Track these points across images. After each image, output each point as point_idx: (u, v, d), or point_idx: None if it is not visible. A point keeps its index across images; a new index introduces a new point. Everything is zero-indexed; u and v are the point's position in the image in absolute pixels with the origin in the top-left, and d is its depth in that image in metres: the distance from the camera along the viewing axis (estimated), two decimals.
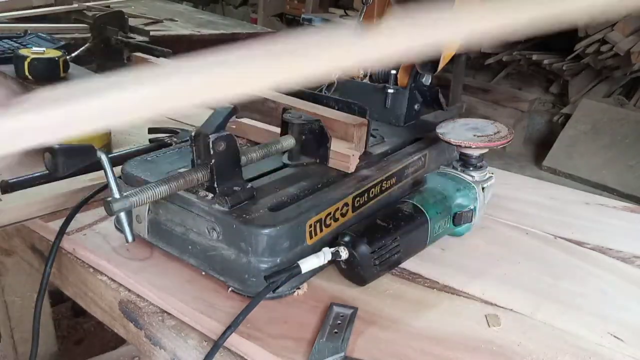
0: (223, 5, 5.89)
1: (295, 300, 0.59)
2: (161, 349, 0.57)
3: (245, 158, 0.64)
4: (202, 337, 0.55)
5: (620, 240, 0.75)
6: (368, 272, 0.60)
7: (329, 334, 0.53)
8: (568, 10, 0.33)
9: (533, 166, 3.55)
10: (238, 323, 0.52)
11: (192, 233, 0.62)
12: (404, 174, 0.76)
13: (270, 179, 0.67)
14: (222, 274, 0.60)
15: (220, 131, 0.59)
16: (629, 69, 3.42)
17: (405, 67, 0.88)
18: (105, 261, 0.64)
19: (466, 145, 0.70)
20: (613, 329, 0.57)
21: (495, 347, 0.54)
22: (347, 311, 0.57)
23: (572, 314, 0.59)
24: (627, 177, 3.12)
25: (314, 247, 0.61)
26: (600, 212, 0.84)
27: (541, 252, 0.71)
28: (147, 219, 0.66)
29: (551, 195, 0.89)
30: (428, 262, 0.67)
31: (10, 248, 0.82)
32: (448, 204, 0.69)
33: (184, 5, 3.28)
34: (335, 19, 3.22)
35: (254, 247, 0.57)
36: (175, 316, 0.58)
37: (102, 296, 0.64)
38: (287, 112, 0.72)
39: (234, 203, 0.59)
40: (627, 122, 3.33)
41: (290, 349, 0.52)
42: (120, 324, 0.62)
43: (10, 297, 0.99)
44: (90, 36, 1.48)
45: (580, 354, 0.53)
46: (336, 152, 0.70)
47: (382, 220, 0.63)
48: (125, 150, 0.84)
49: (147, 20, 1.99)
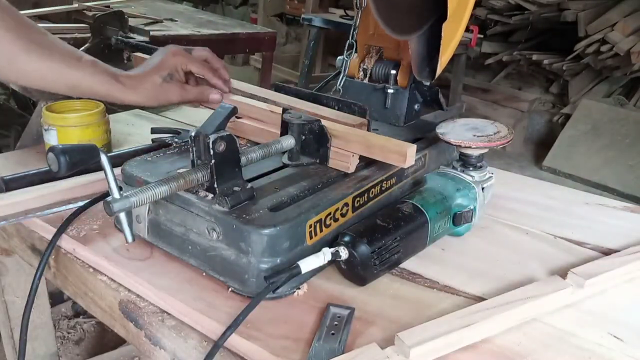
0: (223, 5, 5.89)
1: (295, 300, 0.59)
2: (161, 349, 0.57)
3: (245, 158, 0.64)
4: (202, 337, 0.55)
5: (620, 240, 0.75)
6: (368, 272, 0.60)
7: (326, 335, 0.53)
8: None
9: (533, 166, 3.55)
10: (238, 323, 0.52)
11: (192, 233, 0.62)
12: (404, 174, 0.76)
13: (270, 179, 0.67)
14: (222, 274, 0.60)
15: (220, 131, 0.59)
16: (629, 69, 3.42)
17: (405, 68, 0.88)
18: (105, 261, 0.64)
19: (466, 145, 0.70)
20: (613, 329, 0.57)
21: (495, 347, 0.54)
22: (344, 312, 0.56)
23: (572, 313, 0.59)
24: (627, 177, 3.12)
25: (314, 248, 0.61)
26: (600, 212, 0.84)
27: (541, 252, 0.71)
28: (147, 219, 0.66)
29: (551, 195, 0.89)
30: (428, 262, 0.67)
31: (10, 248, 0.82)
32: (448, 204, 0.69)
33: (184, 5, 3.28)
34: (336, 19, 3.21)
35: (254, 247, 0.57)
36: (175, 316, 0.58)
37: (102, 296, 0.64)
38: (287, 112, 0.72)
39: (234, 203, 0.59)
40: (627, 122, 3.33)
41: (290, 349, 0.52)
42: (120, 324, 0.62)
43: (10, 297, 0.99)
44: (90, 36, 1.48)
45: (580, 354, 0.53)
46: (336, 152, 0.70)
47: (382, 220, 0.63)
48: (125, 150, 0.84)
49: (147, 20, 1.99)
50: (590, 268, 0.63)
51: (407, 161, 0.65)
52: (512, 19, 3.76)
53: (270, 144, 0.68)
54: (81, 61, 0.76)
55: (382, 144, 0.67)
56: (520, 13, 3.72)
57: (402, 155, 0.65)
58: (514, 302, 0.56)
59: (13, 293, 0.99)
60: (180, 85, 0.82)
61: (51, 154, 0.51)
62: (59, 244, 0.69)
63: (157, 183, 0.56)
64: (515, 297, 0.57)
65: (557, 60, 3.72)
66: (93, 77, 0.76)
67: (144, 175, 0.66)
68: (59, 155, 0.51)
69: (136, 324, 0.59)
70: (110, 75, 0.77)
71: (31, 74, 0.73)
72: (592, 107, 3.50)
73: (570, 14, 3.48)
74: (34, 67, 0.72)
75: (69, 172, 0.52)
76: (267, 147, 0.67)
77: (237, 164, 0.61)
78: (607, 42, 3.35)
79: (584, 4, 3.49)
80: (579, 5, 3.49)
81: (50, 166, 0.52)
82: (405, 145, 0.66)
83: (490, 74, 4.32)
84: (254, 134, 0.80)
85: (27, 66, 0.72)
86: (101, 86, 0.76)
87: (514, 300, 0.57)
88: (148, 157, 0.72)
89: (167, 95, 0.80)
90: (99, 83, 0.76)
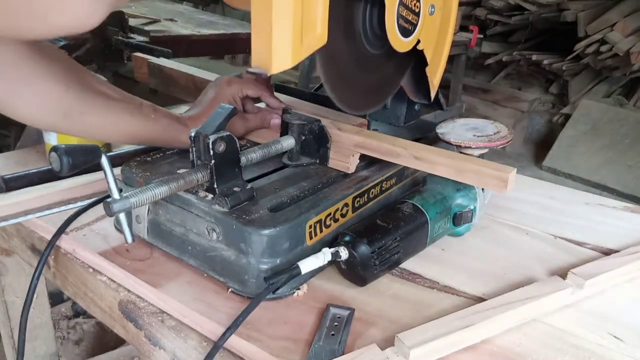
0: (223, 5, 5.88)
1: (295, 301, 0.59)
2: (161, 349, 0.57)
3: (245, 158, 0.64)
4: (201, 338, 0.55)
5: (620, 240, 0.75)
6: (368, 272, 0.60)
7: (326, 336, 0.53)
8: None
9: (533, 166, 3.55)
10: (238, 324, 0.52)
11: (191, 234, 0.62)
12: (404, 174, 0.76)
13: (270, 179, 0.67)
14: (222, 275, 0.60)
15: (220, 132, 0.59)
16: (628, 69, 3.42)
17: None
18: (105, 261, 0.64)
19: (466, 145, 0.70)
20: (613, 329, 0.57)
21: (495, 347, 0.54)
22: (344, 312, 0.56)
23: (572, 314, 0.59)
24: (627, 177, 3.12)
25: (313, 248, 0.61)
26: (600, 212, 0.84)
27: (541, 252, 0.71)
28: (147, 220, 0.66)
29: (551, 195, 0.89)
30: (428, 262, 0.67)
31: (10, 248, 0.82)
32: (448, 204, 0.69)
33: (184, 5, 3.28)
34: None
35: (253, 248, 0.57)
36: (175, 317, 0.58)
37: (102, 296, 0.64)
38: (287, 112, 0.72)
39: (234, 204, 0.59)
40: (627, 122, 3.33)
41: (290, 350, 0.52)
42: (120, 324, 0.62)
43: (10, 297, 0.99)
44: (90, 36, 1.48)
45: (580, 354, 0.53)
46: (336, 152, 0.70)
47: (382, 221, 0.63)
48: (125, 150, 0.84)
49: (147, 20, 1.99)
50: (590, 268, 0.63)
51: (508, 187, 0.58)
52: (512, 19, 3.77)
53: (270, 144, 0.68)
54: (142, 108, 0.71)
55: (477, 169, 0.60)
56: (520, 13, 3.72)
57: (502, 181, 0.59)
58: (513, 303, 0.56)
59: (13, 293, 0.99)
60: (242, 116, 0.78)
61: (54, 153, 0.51)
62: (59, 244, 0.69)
63: (156, 183, 0.56)
64: (515, 298, 0.57)
65: (557, 61, 3.72)
66: (156, 123, 0.71)
67: (143, 176, 0.66)
68: (62, 156, 0.51)
69: (136, 324, 0.59)
70: (173, 119, 0.73)
71: (89, 127, 0.67)
72: (592, 107, 3.50)
73: (570, 14, 3.48)
74: (91, 121, 0.67)
75: (71, 172, 0.52)
76: (267, 148, 0.67)
77: (237, 165, 0.61)
78: (607, 42, 3.35)
79: (583, 4, 3.49)
80: (579, 6, 3.49)
81: (53, 166, 0.52)
82: (506, 169, 0.59)
83: (490, 74, 4.32)
84: (254, 134, 0.80)
85: (84, 120, 0.66)
86: (166, 133, 0.72)
87: (514, 301, 0.57)
88: (148, 157, 0.72)
89: (231, 129, 0.71)
90: (162, 129, 0.72)
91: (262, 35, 0.46)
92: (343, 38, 0.60)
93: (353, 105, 0.68)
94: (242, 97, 0.80)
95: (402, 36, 0.64)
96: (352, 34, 0.62)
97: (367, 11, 0.62)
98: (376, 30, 0.63)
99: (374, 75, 0.68)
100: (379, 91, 0.72)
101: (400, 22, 0.62)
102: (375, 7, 0.61)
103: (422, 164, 0.65)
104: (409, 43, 0.66)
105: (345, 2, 0.59)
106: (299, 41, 0.48)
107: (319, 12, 0.50)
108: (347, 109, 0.67)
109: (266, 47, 0.46)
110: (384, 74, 0.70)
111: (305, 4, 0.48)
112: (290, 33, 0.47)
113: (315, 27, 0.50)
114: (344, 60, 0.62)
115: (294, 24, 0.47)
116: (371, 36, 0.63)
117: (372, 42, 0.64)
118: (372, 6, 0.61)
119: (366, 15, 0.62)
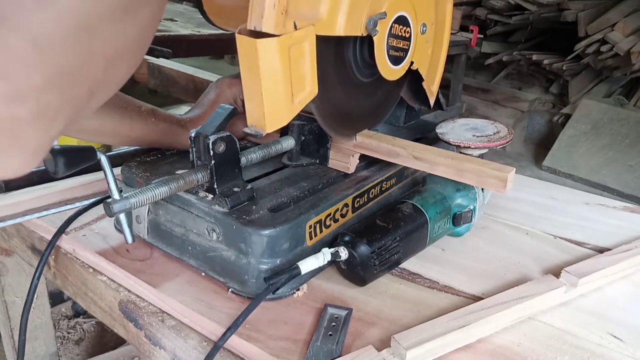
0: None
1: (295, 301, 0.59)
2: (161, 349, 0.57)
3: (245, 159, 0.64)
4: (201, 338, 0.55)
5: (620, 240, 0.75)
6: (368, 272, 0.60)
7: (324, 336, 0.53)
8: None
9: (533, 166, 3.55)
10: (238, 325, 0.52)
11: (192, 234, 0.62)
12: (403, 174, 0.76)
13: (270, 179, 0.67)
14: (222, 275, 0.60)
15: (220, 132, 0.59)
16: (628, 69, 3.42)
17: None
18: (105, 261, 0.64)
19: (466, 145, 0.70)
20: (612, 328, 0.57)
21: (494, 346, 0.54)
22: (342, 312, 0.56)
23: (572, 313, 0.59)
24: (627, 177, 3.13)
25: (313, 248, 0.61)
26: (600, 212, 0.84)
27: (541, 252, 0.71)
28: (147, 220, 0.66)
29: (551, 195, 0.89)
30: (428, 262, 0.67)
31: (10, 248, 0.82)
32: (448, 204, 0.69)
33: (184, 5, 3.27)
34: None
35: (253, 248, 0.57)
36: (175, 317, 0.58)
37: (102, 296, 0.64)
38: None
39: (234, 204, 0.59)
40: (627, 122, 3.34)
41: (290, 350, 0.52)
42: (120, 324, 0.62)
43: (10, 297, 0.99)
44: None
45: (580, 354, 0.53)
46: (336, 152, 0.70)
47: (382, 221, 0.63)
48: (124, 150, 0.84)
49: None
50: (584, 266, 0.63)
51: (507, 187, 0.59)
52: (512, 19, 3.77)
53: (270, 144, 0.68)
54: (141, 113, 0.71)
55: (477, 169, 0.61)
56: (520, 13, 3.72)
57: (502, 180, 0.59)
58: (507, 302, 0.56)
59: (13, 293, 0.99)
60: (242, 117, 0.78)
61: (48, 154, 0.51)
62: (59, 244, 0.69)
63: (157, 184, 0.56)
64: (508, 297, 0.57)
65: (557, 60, 3.72)
66: (157, 126, 0.71)
67: (143, 176, 0.66)
68: (56, 156, 0.51)
69: (136, 324, 0.59)
70: (173, 122, 0.73)
71: (88, 131, 0.68)
72: (592, 107, 3.50)
73: (570, 14, 3.48)
74: (91, 126, 0.67)
75: (66, 173, 0.52)
76: (267, 148, 0.68)
77: (237, 165, 0.61)
78: (607, 42, 3.35)
79: (584, 4, 3.49)
80: (579, 5, 3.49)
81: (48, 167, 0.52)
82: (506, 169, 0.60)
83: (490, 74, 4.32)
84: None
85: (84, 123, 0.66)
86: (166, 136, 0.73)
87: (508, 300, 0.57)
88: (148, 157, 0.72)
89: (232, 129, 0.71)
90: (162, 133, 0.72)
91: (254, 101, 0.48)
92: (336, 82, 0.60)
93: (353, 133, 0.69)
94: (242, 99, 0.80)
95: (394, 65, 0.63)
96: (344, 74, 0.61)
97: (357, 48, 0.61)
98: (367, 61, 0.62)
99: (370, 100, 0.68)
100: (377, 113, 0.72)
101: (391, 53, 0.61)
102: (365, 44, 0.60)
103: (421, 164, 0.65)
104: (401, 69, 0.65)
105: (334, 46, 0.58)
106: (290, 100, 0.50)
107: (307, 71, 0.51)
108: (347, 140, 0.69)
109: (259, 110, 0.48)
110: (379, 97, 0.69)
111: (293, 67, 0.49)
112: (282, 97, 0.49)
113: (304, 85, 0.52)
114: (338, 100, 0.62)
115: (284, 89, 0.49)
116: (363, 67, 0.62)
117: (365, 73, 0.63)
118: (361, 44, 0.60)
119: (357, 51, 0.61)
